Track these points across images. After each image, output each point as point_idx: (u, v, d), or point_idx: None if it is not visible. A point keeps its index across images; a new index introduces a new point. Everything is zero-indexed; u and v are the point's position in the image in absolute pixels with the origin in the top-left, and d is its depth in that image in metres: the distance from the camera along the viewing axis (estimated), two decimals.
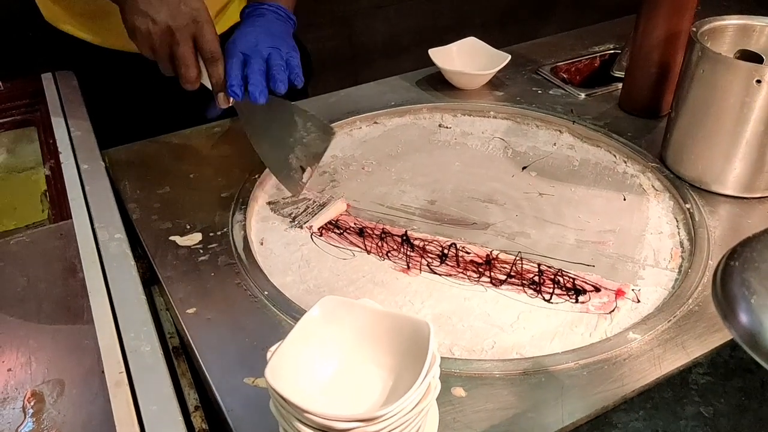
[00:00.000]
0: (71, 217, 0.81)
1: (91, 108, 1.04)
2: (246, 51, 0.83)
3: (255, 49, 0.83)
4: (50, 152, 1.01)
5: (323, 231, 0.83)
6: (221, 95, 0.83)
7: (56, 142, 0.96)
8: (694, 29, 0.86)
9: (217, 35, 0.81)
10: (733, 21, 0.90)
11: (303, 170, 0.84)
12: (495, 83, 1.13)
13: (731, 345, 0.42)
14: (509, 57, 1.11)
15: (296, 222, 0.84)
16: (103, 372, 0.61)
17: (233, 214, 0.83)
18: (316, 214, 0.85)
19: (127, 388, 0.59)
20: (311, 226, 0.83)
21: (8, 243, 0.79)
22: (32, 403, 0.61)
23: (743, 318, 0.36)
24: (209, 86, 0.83)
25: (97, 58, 1.04)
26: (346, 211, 0.86)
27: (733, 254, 0.40)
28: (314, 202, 0.88)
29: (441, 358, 0.53)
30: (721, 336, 0.65)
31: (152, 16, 0.78)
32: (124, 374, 0.60)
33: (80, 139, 0.96)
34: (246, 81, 0.81)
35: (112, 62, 1.03)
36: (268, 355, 0.52)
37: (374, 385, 0.53)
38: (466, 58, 1.14)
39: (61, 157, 0.92)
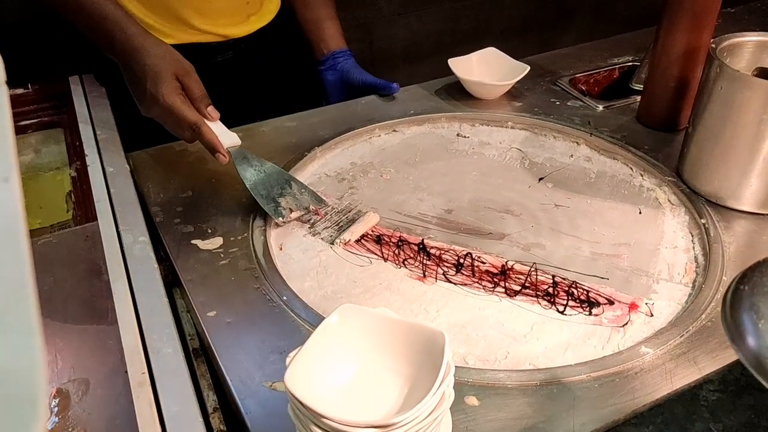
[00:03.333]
0: (96, 219, 0.84)
1: (116, 110, 1.07)
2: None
3: None
4: (76, 154, 1.04)
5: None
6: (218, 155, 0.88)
7: (82, 144, 0.98)
8: (713, 45, 0.87)
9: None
10: (752, 38, 0.90)
11: (291, 210, 0.86)
12: (513, 93, 1.14)
13: (742, 363, 0.43)
14: (528, 68, 1.12)
15: (319, 233, 0.85)
16: (126, 372, 0.63)
17: (253, 220, 0.85)
18: (345, 227, 0.86)
19: (150, 388, 0.61)
20: (348, 241, 0.84)
21: (35, 243, 0.82)
22: (57, 401, 0.63)
23: (751, 342, 0.37)
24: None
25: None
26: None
27: (743, 278, 0.41)
28: (333, 209, 0.90)
29: (455, 367, 0.55)
30: (733, 352, 0.66)
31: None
32: (147, 375, 0.62)
33: (106, 142, 0.98)
34: None
35: None
36: (288, 360, 0.53)
37: (390, 392, 0.55)
38: (486, 68, 1.15)
39: (87, 160, 0.94)
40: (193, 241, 0.82)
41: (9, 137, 0.21)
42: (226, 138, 0.89)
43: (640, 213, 0.90)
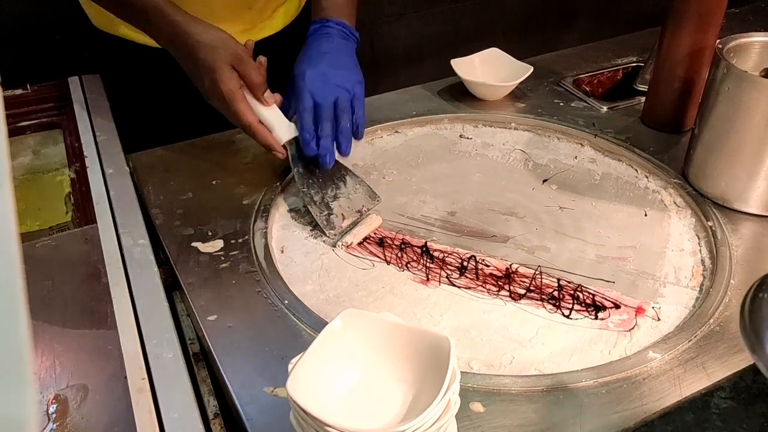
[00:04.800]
0: (95, 221, 0.83)
1: (116, 111, 1.06)
2: (316, 96, 0.85)
3: (324, 93, 0.85)
4: (75, 155, 1.03)
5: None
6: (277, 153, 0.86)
7: (81, 145, 0.97)
8: (720, 46, 0.86)
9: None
10: (759, 38, 0.89)
11: (343, 218, 0.84)
12: (517, 94, 1.13)
13: (754, 369, 0.42)
14: (531, 69, 1.11)
15: (324, 236, 0.84)
16: (125, 378, 0.62)
17: (254, 222, 0.84)
18: (347, 229, 0.85)
19: (149, 394, 0.60)
20: (351, 243, 0.83)
21: (34, 246, 0.81)
22: (56, 407, 0.62)
23: None
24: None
25: (134, 59, 1.05)
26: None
27: (762, 286, 0.40)
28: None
29: (460, 373, 0.54)
30: (742, 358, 0.65)
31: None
32: (146, 381, 0.61)
33: (105, 143, 0.97)
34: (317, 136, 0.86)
35: (149, 61, 1.04)
36: (290, 366, 0.52)
37: (394, 398, 0.54)
38: (489, 69, 1.14)
39: (87, 161, 0.93)
40: (193, 244, 0.81)
41: (1, 145, 0.20)
42: (283, 129, 0.87)
43: (645, 215, 0.88)
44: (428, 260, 0.81)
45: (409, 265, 0.80)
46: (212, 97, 0.85)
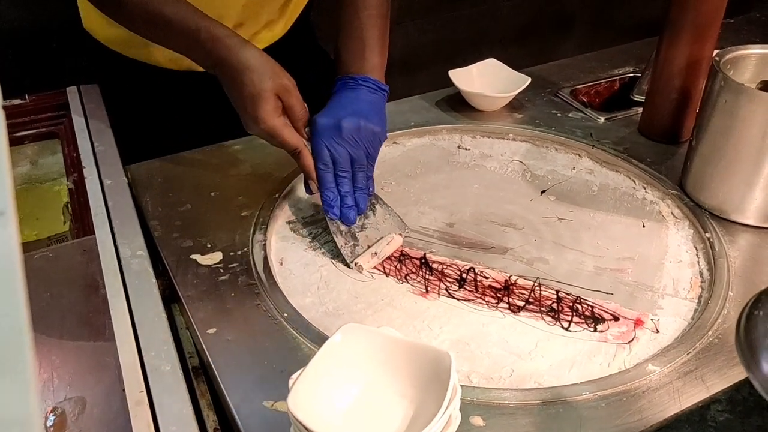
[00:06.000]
0: (93, 232, 0.83)
1: (114, 122, 1.06)
2: (332, 150, 0.83)
3: (337, 148, 0.83)
4: (73, 165, 1.02)
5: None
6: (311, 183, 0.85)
7: (80, 156, 0.97)
8: (717, 58, 0.86)
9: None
10: (756, 50, 0.90)
11: (368, 249, 0.83)
12: (514, 105, 1.13)
13: (750, 382, 0.42)
14: (529, 80, 1.11)
15: (320, 247, 0.84)
16: (123, 391, 0.61)
17: (253, 234, 0.84)
18: (358, 245, 0.83)
19: (148, 407, 0.60)
20: (368, 266, 0.81)
21: (32, 258, 0.80)
22: (53, 420, 0.62)
23: (766, 368, 0.36)
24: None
25: (129, 72, 1.04)
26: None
27: (757, 302, 0.40)
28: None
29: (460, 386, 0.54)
30: (741, 370, 0.65)
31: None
32: (145, 394, 0.61)
33: (103, 154, 0.97)
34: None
35: (145, 76, 1.04)
36: (290, 382, 0.52)
37: (394, 414, 0.54)
38: (486, 79, 1.15)
39: (85, 172, 0.93)
40: (192, 256, 0.81)
41: (5, 168, 0.20)
42: None
43: (643, 226, 0.89)
44: (427, 272, 0.81)
45: (408, 277, 0.80)
46: (253, 125, 0.82)
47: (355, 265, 0.81)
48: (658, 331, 0.72)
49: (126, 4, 0.83)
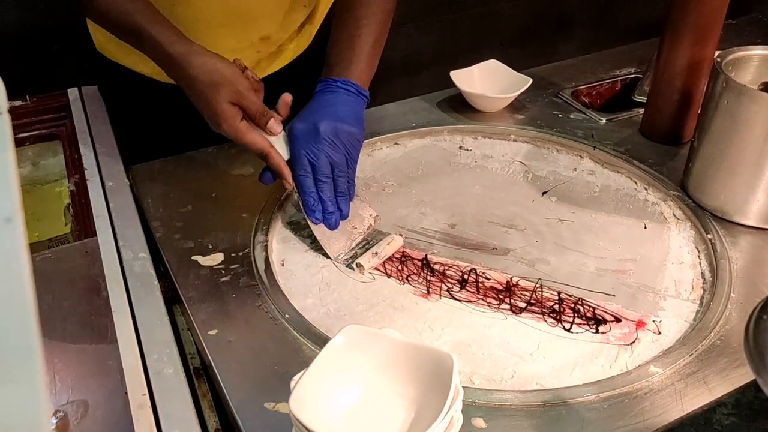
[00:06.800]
0: (95, 234, 0.83)
1: (115, 123, 1.06)
2: (310, 155, 0.82)
3: (316, 151, 0.82)
4: (75, 167, 1.02)
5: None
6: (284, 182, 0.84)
7: (81, 157, 0.97)
8: (719, 59, 0.86)
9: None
10: (758, 51, 0.90)
11: (341, 241, 0.84)
12: (516, 106, 1.13)
13: (756, 385, 0.42)
14: (531, 80, 1.11)
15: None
16: (126, 393, 0.61)
17: (255, 235, 0.84)
18: (365, 249, 0.83)
19: (150, 410, 0.60)
20: (371, 266, 0.81)
21: (34, 260, 0.80)
22: (56, 423, 0.62)
23: None
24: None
25: (129, 76, 1.04)
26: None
27: (765, 307, 0.40)
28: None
29: (462, 388, 0.54)
30: (744, 372, 0.65)
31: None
32: (147, 396, 0.61)
33: (105, 156, 0.97)
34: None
35: (144, 80, 1.03)
36: (292, 384, 0.52)
37: (396, 415, 0.54)
38: (488, 80, 1.15)
39: (87, 174, 0.93)
40: (193, 257, 0.81)
41: (11, 172, 0.20)
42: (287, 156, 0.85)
43: (645, 228, 0.89)
44: (429, 273, 0.81)
45: (409, 278, 0.80)
46: (217, 130, 0.82)
47: (357, 265, 0.81)
48: (659, 333, 0.72)
49: (99, 10, 0.83)
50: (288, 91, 0.86)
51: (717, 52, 0.91)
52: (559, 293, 0.77)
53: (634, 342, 0.71)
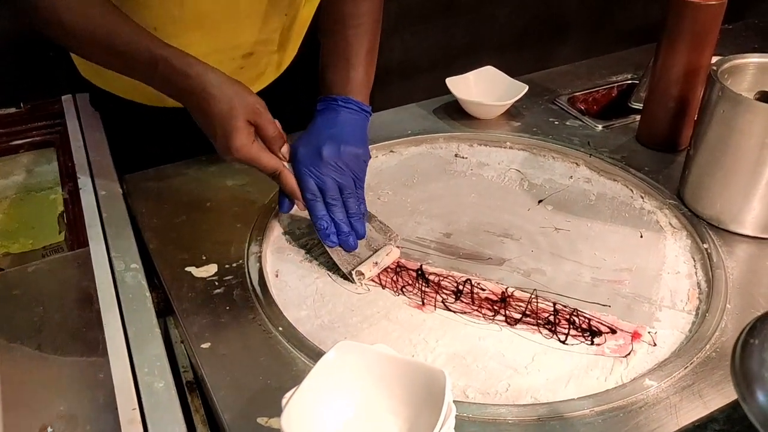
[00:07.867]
0: (88, 243, 0.82)
1: (110, 132, 1.05)
2: (315, 178, 0.81)
3: (320, 174, 0.81)
4: (68, 175, 1.02)
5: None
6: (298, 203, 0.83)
7: (75, 165, 0.97)
8: (715, 68, 0.86)
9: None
10: (754, 59, 0.89)
11: (360, 259, 0.82)
12: (512, 113, 1.13)
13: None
14: (527, 87, 1.11)
15: (316, 258, 0.83)
16: (116, 408, 0.61)
17: (249, 246, 0.83)
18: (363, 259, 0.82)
19: (140, 426, 0.59)
20: (367, 276, 0.80)
21: (26, 270, 0.80)
22: None
23: (761, 399, 0.36)
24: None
25: (122, 107, 1.03)
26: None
27: (753, 331, 0.40)
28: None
29: (455, 401, 0.53)
30: None
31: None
32: (137, 411, 0.61)
33: (98, 164, 0.97)
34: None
35: (140, 111, 1.02)
36: (284, 401, 0.52)
37: None
38: (484, 87, 1.14)
39: (80, 182, 0.93)
40: (187, 269, 0.80)
41: None
42: None
43: (641, 237, 0.88)
44: (423, 284, 0.80)
45: (404, 289, 0.80)
46: (226, 154, 0.79)
47: (357, 273, 0.80)
48: (655, 344, 0.72)
49: (74, 33, 0.78)
50: (272, 109, 0.82)
51: (714, 59, 0.91)
52: (554, 304, 0.77)
53: (629, 354, 0.71)
